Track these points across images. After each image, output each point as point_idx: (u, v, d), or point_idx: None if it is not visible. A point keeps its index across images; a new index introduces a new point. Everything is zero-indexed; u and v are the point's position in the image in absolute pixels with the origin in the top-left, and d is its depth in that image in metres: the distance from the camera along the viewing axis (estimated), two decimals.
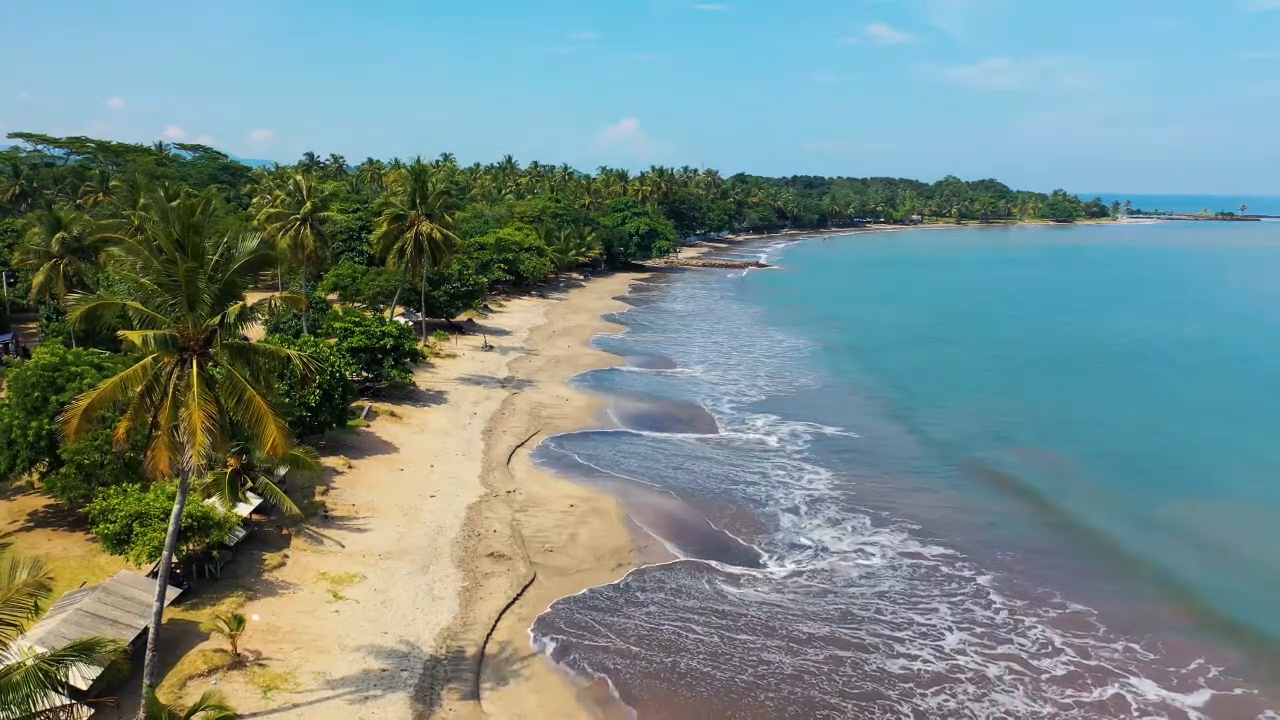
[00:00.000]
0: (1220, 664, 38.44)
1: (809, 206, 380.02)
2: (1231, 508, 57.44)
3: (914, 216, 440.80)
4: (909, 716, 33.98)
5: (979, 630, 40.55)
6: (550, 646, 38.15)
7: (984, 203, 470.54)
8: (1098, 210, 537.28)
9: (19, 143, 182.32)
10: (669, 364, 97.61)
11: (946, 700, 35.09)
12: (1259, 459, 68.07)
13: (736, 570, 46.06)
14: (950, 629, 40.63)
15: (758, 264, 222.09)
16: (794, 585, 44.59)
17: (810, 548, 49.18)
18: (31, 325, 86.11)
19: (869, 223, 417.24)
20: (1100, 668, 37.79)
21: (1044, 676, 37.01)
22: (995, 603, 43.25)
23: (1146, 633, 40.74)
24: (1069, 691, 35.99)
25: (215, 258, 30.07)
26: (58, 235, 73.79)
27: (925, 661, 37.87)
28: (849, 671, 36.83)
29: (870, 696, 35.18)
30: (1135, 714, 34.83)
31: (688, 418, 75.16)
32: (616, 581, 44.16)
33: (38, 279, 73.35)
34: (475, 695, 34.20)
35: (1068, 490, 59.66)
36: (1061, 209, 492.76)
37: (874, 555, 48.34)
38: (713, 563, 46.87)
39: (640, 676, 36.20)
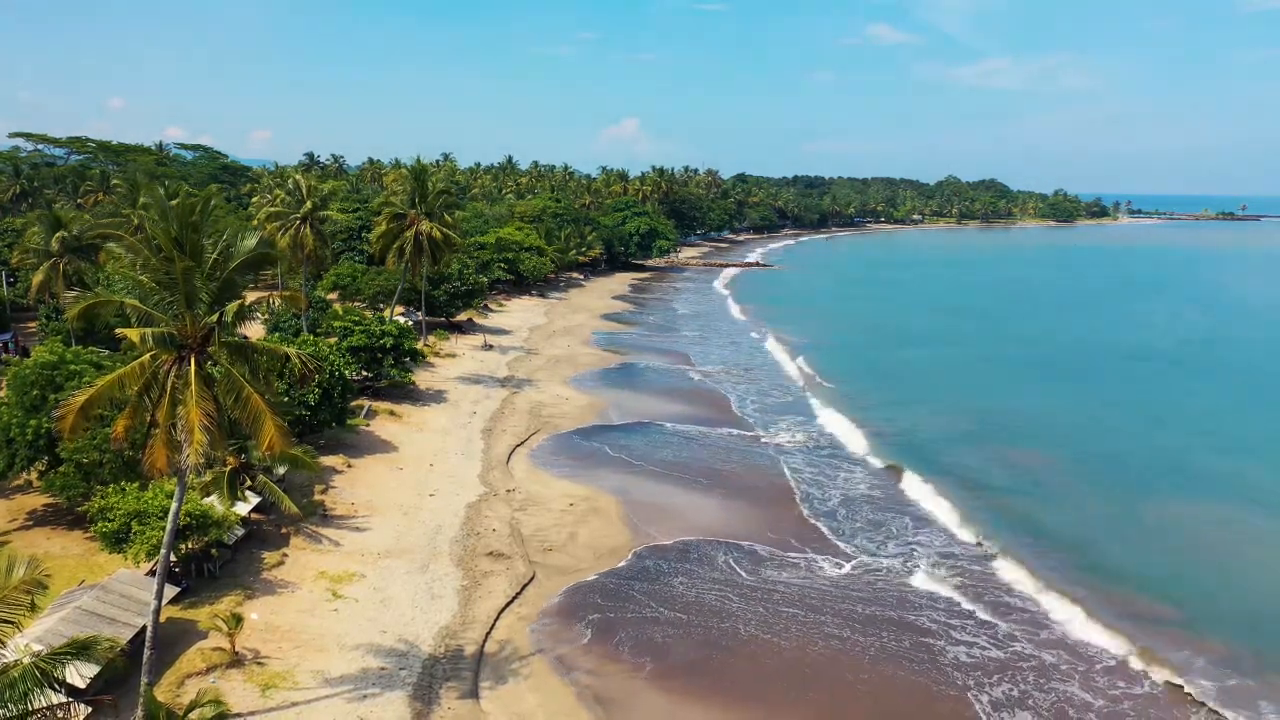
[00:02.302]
0: (1212, 657, 38.73)
1: (809, 206, 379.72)
2: (1232, 507, 57.41)
3: (914, 216, 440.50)
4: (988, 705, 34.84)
5: (1024, 620, 41.58)
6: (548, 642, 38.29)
7: (984, 203, 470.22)
8: (1098, 210, 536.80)
9: (19, 142, 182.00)
10: (670, 363, 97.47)
11: (1011, 689, 35.96)
12: (1254, 459, 68.05)
13: (763, 551, 46.27)
14: (1003, 617, 41.70)
15: (759, 264, 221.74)
16: (847, 580, 45.02)
17: (854, 546, 49.40)
18: (31, 325, 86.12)
19: (869, 223, 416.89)
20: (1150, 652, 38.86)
21: (1098, 667, 37.85)
22: (1030, 594, 44.18)
23: (1147, 624, 41.42)
24: (1119, 683, 36.79)
25: (214, 256, 30.04)
26: (57, 234, 73.78)
27: (984, 648, 38.86)
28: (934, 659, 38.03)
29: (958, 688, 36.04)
30: (1142, 699, 35.43)
31: (692, 415, 74.88)
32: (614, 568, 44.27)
33: (37, 278, 73.34)
34: (474, 694, 34.16)
35: (1084, 487, 59.97)
36: (1062, 209, 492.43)
37: (917, 552, 48.87)
38: (736, 547, 47.16)
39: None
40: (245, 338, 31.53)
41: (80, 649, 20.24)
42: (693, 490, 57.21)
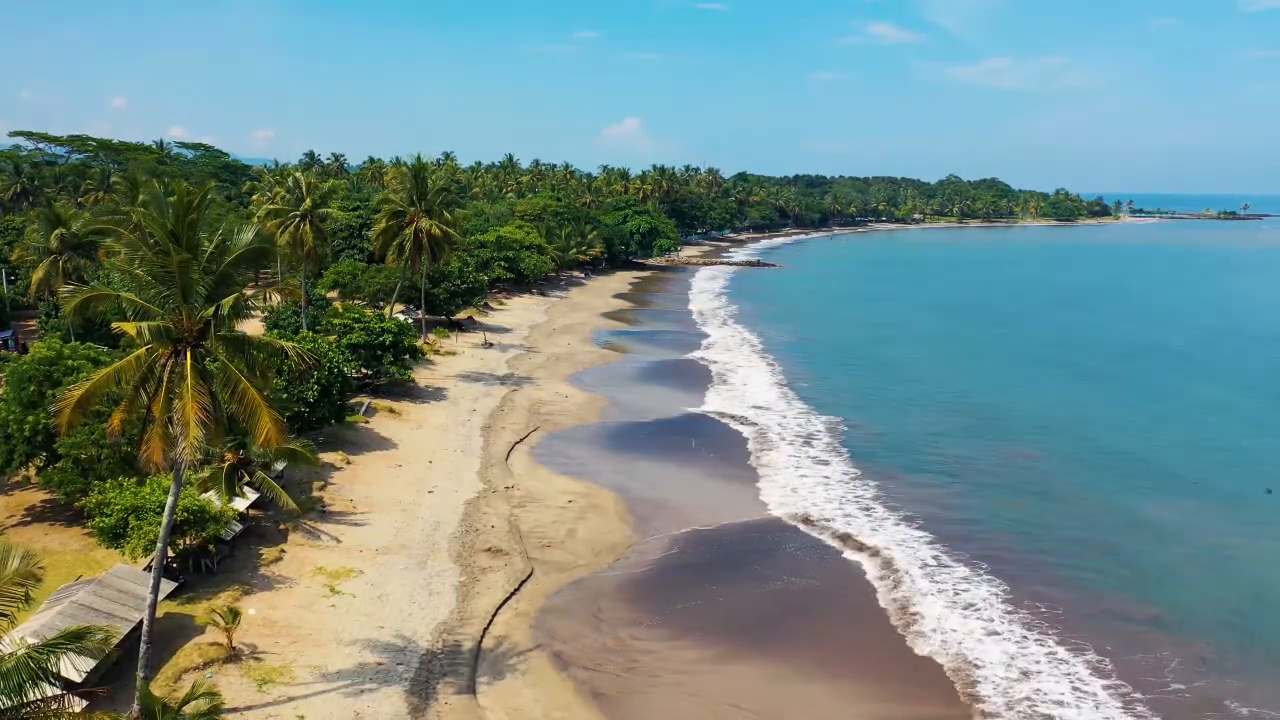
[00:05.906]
0: (1184, 657, 38.34)
1: (811, 205, 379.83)
2: (1219, 505, 57.21)
3: (916, 216, 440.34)
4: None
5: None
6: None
7: (986, 202, 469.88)
8: (1100, 209, 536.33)
9: (20, 141, 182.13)
10: (670, 360, 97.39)
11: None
12: (1246, 459, 67.84)
13: (765, 545, 46.20)
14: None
15: (760, 263, 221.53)
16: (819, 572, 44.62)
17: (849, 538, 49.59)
18: (31, 322, 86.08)
19: (871, 222, 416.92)
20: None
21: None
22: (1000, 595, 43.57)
23: (1114, 623, 41.18)
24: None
25: (210, 249, 29.98)
26: (57, 231, 73.76)
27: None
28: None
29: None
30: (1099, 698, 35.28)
31: (693, 412, 75.01)
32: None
33: (37, 275, 73.30)
34: (471, 689, 34.08)
35: (1071, 486, 59.64)
36: (1064, 208, 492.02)
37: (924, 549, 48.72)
38: (734, 540, 47.05)
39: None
40: (243, 333, 31.43)
41: (72, 639, 20.15)
42: (693, 485, 57.15)
